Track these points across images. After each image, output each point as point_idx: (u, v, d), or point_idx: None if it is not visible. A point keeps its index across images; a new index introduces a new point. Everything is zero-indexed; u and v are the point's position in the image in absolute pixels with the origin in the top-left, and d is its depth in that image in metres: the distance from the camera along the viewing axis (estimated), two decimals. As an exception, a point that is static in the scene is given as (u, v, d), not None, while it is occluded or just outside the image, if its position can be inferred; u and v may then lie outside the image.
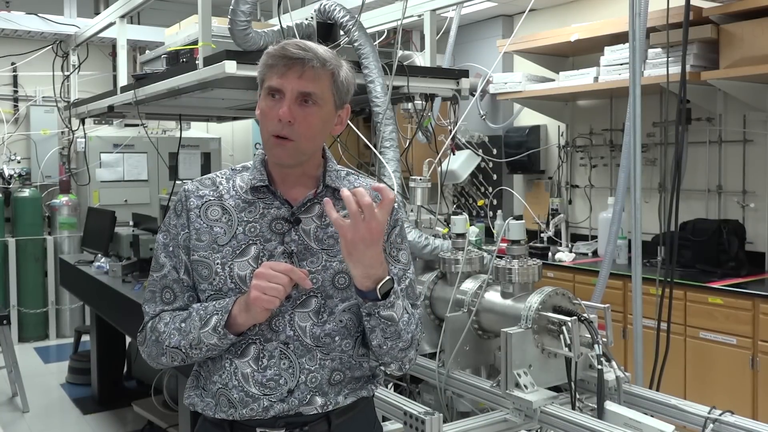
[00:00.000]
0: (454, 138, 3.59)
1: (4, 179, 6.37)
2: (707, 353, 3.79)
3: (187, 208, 1.52)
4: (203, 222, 1.50)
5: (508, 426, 2.00)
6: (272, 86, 1.44)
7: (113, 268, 4.10)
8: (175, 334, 1.47)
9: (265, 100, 1.46)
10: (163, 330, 1.49)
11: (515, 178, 5.81)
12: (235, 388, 1.47)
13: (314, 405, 1.48)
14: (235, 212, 1.50)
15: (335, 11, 3.04)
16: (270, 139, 1.45)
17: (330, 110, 1.49)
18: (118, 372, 4.83)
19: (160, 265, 1.54)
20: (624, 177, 3.13)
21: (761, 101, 4.10)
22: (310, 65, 1.43)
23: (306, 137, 1.45)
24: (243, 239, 1.48)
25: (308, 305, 1.47)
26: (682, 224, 4.17)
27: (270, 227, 1.49)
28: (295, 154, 1.47)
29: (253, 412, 1.46)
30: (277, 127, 1.43)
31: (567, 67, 5.07)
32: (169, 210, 1.57)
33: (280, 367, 1.46)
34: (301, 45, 1.45)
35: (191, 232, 1.50)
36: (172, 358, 1.49)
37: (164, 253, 1.54)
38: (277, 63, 1.43)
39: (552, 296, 2.11)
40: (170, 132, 6.81)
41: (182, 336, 1.46)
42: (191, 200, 1.52)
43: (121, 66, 4.36)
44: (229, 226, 1.49)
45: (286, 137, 1.43)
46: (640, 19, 3.01)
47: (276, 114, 1.43)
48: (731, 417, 1.90)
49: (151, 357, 1.54)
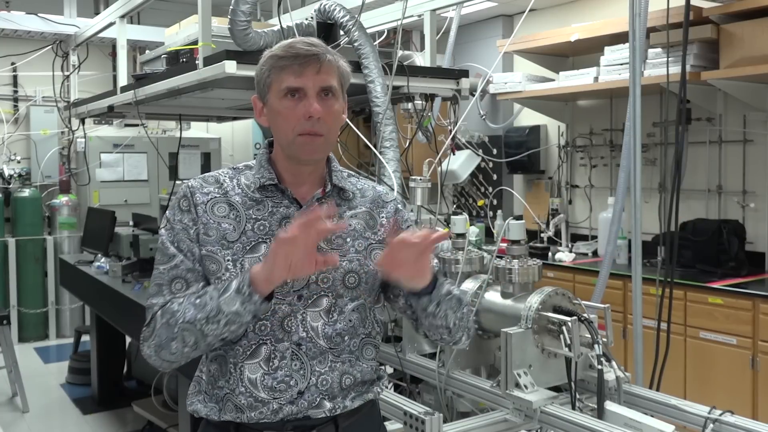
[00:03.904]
0: (454, 138, 3.59)
1: (4, 179, 6.37)
2: (707, 353, 3.79)
3: (194, 204, 1.48)
4: (210, 218, 1.47)
5: (508, 426, 2.00)
6: (291, 86, 1.43)
7: (113, 268, 4.10)
8: (190, 308, 1.38)
9: (282, 101, 1.45)
10: (177, 309, 1.40)
11: (515, 178, 5.81)
12: (243, 394, 1.45)
13: (323, 408, 1.47)
14: (242, 209, 1.48)
15: (335, 11, 3.04)
16: (296, 138, 1.45)
17: (342, 101, 1.51)
18: (118, 372, 4.83)
19: (169, 257, 1.47)
20: (624, 177, 3.13)
21: (761, 101, 4.10)
22: (324, 59, 1.44)
23: (332, 130, 1.49)
24: (252, 236, 1.46)
25: (319, 304, 1.47)
26: (682, 224, 4.17)
27: (280, 225, 1.47)
28: (325, 148, 1.49)
29: (262, 415, 1.45)
30: (306, 125, 1.43)
31: (567, 67, 5.07)
32: (172, 206, 1.51)
33: (291, 368, 1.45)
34: (308, 41, 1.46)
35: (200, 227, 1.47)
36: (184, 341, 1.38)
37: (174, 246, 1.47)
38: (291, 63, 1.43)
39: (552, 296, 2.11)
40: (170, 132, 6.81)
41: (198, 309, 1.37)
42: (197, 196, 1.49)
43: (121, 66, 4.36)
44: (237, 222, 1.47)
45: (317, 133, 1.44)
46: (640, 19, 3.01)
47: (301, 113, 1.43)
48: (731, 417, 1.90)
49: (159, 348, 1.41)
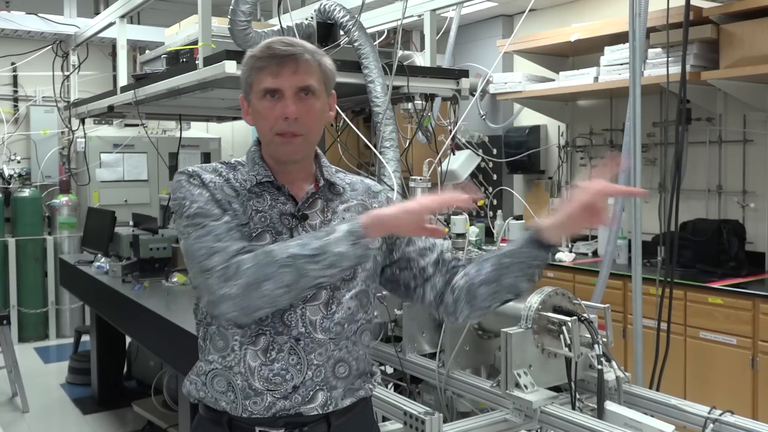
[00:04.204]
0: (454, 138, 3.59)
1: (4, 179, 6.36)
2: (707, 353, 3.79)
3: (203, 182, 1.45)
4: (221, 196, 1.45)
5: (508, 426, 2.00)
6: (268, 87, 1.43)
7: (113, 268, 4.10)
8: (292, 244, 1.34)
9: (261, 101, 1.45)
10: (274, 248, 1.35)
11: (515, 178, 5.81)
12: (240, 375, 1.44)
13: (316, 404, 1.47)
14: (245, 199, 1.48)
15: (335, 11, 3.04)
16: (274, 138, 1.45)
17: (324, 99, 1.50)
18: (118, 372, 4.83)
19: (213, 215, 1.40)
20: (624, 177, 3.13)
21: (761, 101, 4.10)
22: (302, 59, 1.44)
23: (312, 129, 1.48)
24: (258, 224, 1.46)
25: (318, 298, 1.47)
26: (682, 224, 4.17)
27: (280, 220, 1.48)
28: (305, 148, 1.49)
29: (255, 407, 1.45)
30: (282, 125, 1.43)
31: (567, 67, 5.07)
32: (184, 189, 1.45)
33: (288, 362, 1.45)
34: (286, 41, 1.46)
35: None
36: (279, 281, 1.31)
37: (215, 206, 1.42)
38: (268, 63, 1.43)
39: (552, 296, 2.11)
40: (170, 132, 6.81)
41: (301, 247, 1.33)
42: (204, 176, 1.46)
43: (121, 66, 4.37)
44: (244, 208, 1.46)
45: (294, 133, 1.44)
46: (640, 19, 3.01)
47: (278, 113, 1.43)
48: (731, 417, 1.90)
49: (248, 288, 1.32)
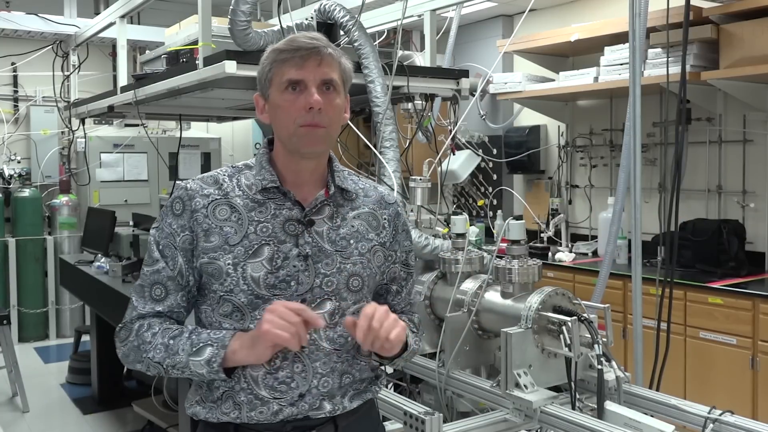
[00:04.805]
0: (454, 138, 3.59)
1: (4, 179, 6.36)
2: (707, 353, 3.79)
3: (191, 209, 1.46)
4: (212, 222, 1.44)
5: (508, 426, 2.00)
6: (292, 78, 1.43)
7: (113, 268, 4.10)
8: (161, 349, 1.42)
9: (283, 94, 1.44)
10: (149, 341, 1.43)
11: (515, 178, 5.81)
12: (243, 391, 1.44)
13: (323, 410, 1.47)
14: (244, 211, 1.46)
15: (335, 11, 3.04)
16: (298, 130, 1.44)
17: (343, 97, 1.50)
18: (118, 372, 4.83)
19: (153, 260, 1.48)
20: (624, 177, 3.13)
21: (761, 101, 4.10)
22: (325, 53, 1.44)
23: (333, 122, 1.48)
24: (255, 239, 1.44)
25: (323, 307, 1.46)
26: (682, 224, 4.17)
27: (283, 228, 1.46)
28: (327, 140, 1.48)
29: (262, 415, 1.44)
30: (306, 116, 1.43)
31: (567, 67, 5.07)
32: (165, 207, 1.50)
33: (293, 370, 1.44)
34: (310, 35, 1.47)
35: (198, 234, 1.45)
36: (148, 369, 1.45)
37: (158, 250, 1.48)
38: (292, 56, 1.43)
39: (552, 296, 2.11)
40: (170, 132, 6.81)
41: (167, 354, 1.41)
42: (196, 200, 1.46)
43: (121, 66, 4.37)
44: (239, 225, 1.44)
45: (318, 124, 1.44)
46: (640, 19, 3.01)
47: (301, 104, 1.42)
48: (731, 417, 1.90)
49: (127, 358, 1.48)
